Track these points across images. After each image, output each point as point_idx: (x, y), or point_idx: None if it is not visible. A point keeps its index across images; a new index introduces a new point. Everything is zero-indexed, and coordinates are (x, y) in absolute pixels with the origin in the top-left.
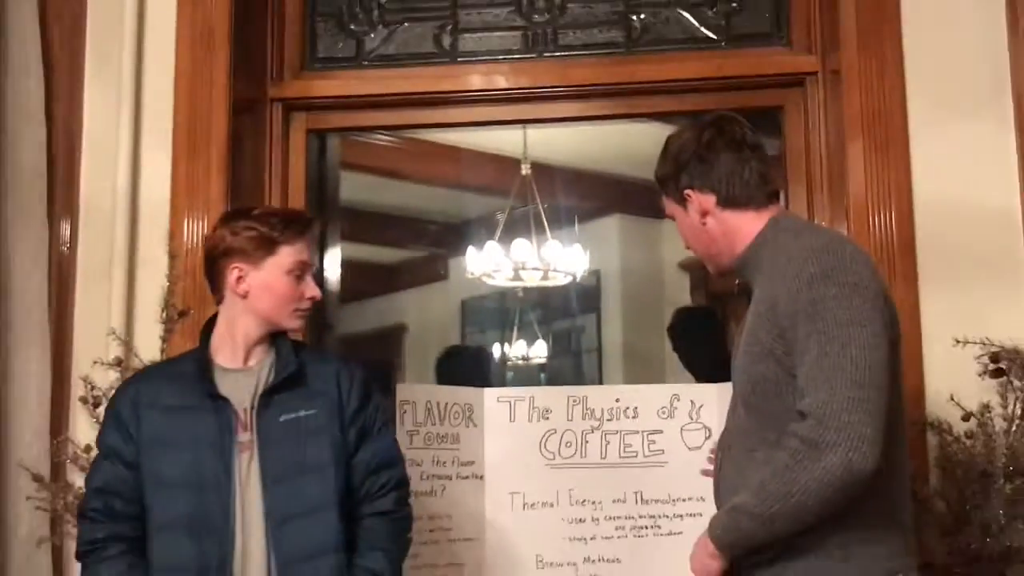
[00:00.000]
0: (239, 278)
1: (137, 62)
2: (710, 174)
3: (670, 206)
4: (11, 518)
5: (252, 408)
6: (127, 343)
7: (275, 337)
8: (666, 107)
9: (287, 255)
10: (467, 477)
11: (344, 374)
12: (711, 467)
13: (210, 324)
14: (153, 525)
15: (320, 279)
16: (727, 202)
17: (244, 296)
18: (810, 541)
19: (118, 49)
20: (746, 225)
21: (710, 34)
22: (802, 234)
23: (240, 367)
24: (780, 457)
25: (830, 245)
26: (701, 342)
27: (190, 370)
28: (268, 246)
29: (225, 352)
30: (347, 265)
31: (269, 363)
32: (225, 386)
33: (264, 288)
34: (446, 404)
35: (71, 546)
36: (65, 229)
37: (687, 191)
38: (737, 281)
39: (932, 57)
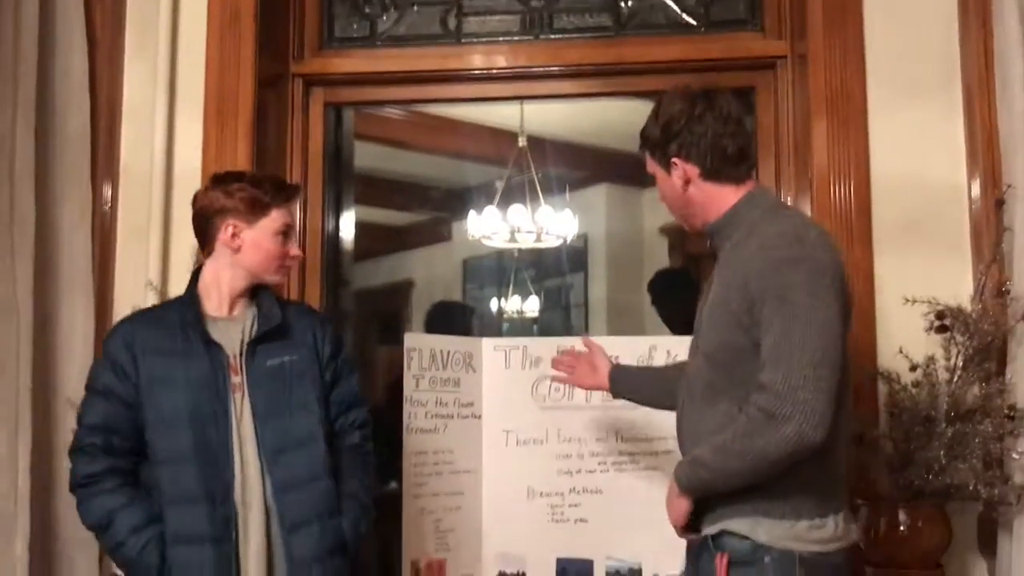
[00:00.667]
0: (234, 235)
1: (172, 41)
2: (698, 146)
3: (652, 166)
4: (60, 446)
5: (241, 354)
6: (162, 292)
7: (256, 290)
8: (650, 86)
9: (277, 217)
10: (467, 417)
11: (319, 326)
12: (560, 373)
13: (195, 277)
14: (159, 459)
15: (335, 239)
16: (710, 174)
17: (236, 251)
18: (758, 487)
19: (155, 29)
20: (724, 196)
21: (690, 20)
22: (774, 216)
23: (225, 316)
24: (740, 422)
25: (798, 231)
26: (677, 300)
27: (180, 317)
28: (261, 208)
29: (212, 302)
30: (360, 226)
31: (252, 314)
32: (215, 333)
33: (254, 245)
34: (449, 351)
35: None
36: (107, 191)
37: (674, 159)
38: (708, 243)
39: (890, 45)
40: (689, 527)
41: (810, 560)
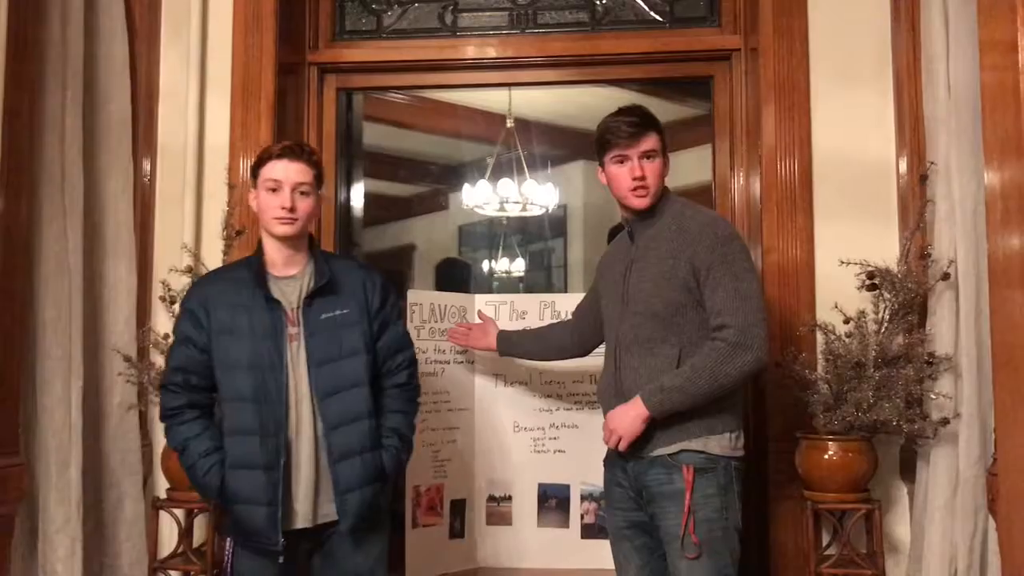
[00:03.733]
0: (253, 198)
1: (203, 32)
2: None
3: (660, 148)
4: (106, 389)
5: (298, 308)
6: (196, 255)
7: (310, 249)
8: (623, 75)
9: (264, 174)
10: (461, 362)
11: (368, 280)
12: (459, 330)
13: (261, 242)
14: (224, 397)
15: (347, 208)
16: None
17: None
18: (703, 412)
19: (187, 21)
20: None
21: (657, 17)
22: (694, 208)
23: (284, 275)
24: (710, 354)
25: (723, 220)
26: None
27: (247, 275)
28: (256, 171)
29: (273, 263)
30: (369, 197)
31: (310, 271)
32: (275, 290)
33: (258, 206)
34: (446, 305)
35: (153, 412)
36: (146, 165)
37: (667, 154)
38: (633, 221)
39: (831, 40)
40: (629, 445)
41: (735, 465)
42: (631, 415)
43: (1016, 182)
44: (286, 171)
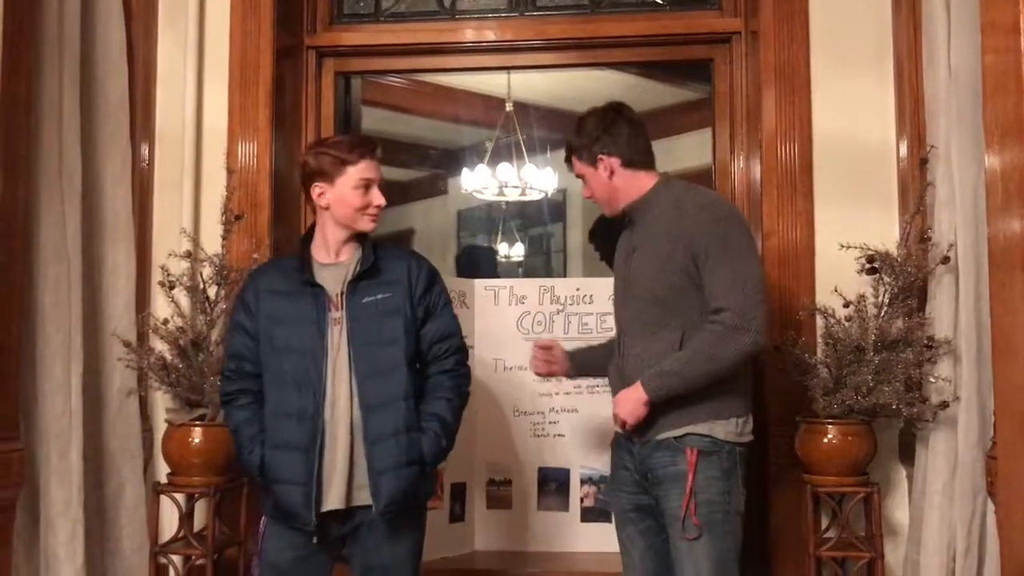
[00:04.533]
0: (320, 194)
1: (200, 15)
2: (616, 143)
3: (580, 167)
4: (107, 374)
5: (342, 293)
6: (195, 239)
7: (360, 238)
8: (622, 58)
9: (354, 173)
10: None
11: (414, 266)
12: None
13: (311, 230)
14: (268, 380)
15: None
16: (628, 164)
17: (326, 208)
18: (708, 396)
19: (184, 4)
20: (642, 181)
21: None
22: (695, 190)
23: (332, 262)
24: (707, 337)
25: (722, 200)
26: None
27: (295, 264)
28: (340, 167)
29: (320, 251)
30: None
31: (356, 259)
32: (321, 276)
33: (339, 200)
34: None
35: (154, 397)
36: (145, 149)
37: (600, 156)
38: (626, 219)
39: (831, 23)
40: (635, 429)
41: (743, 451)
42: (633, 399)
43: (1016, 165)
44: (376, 171)
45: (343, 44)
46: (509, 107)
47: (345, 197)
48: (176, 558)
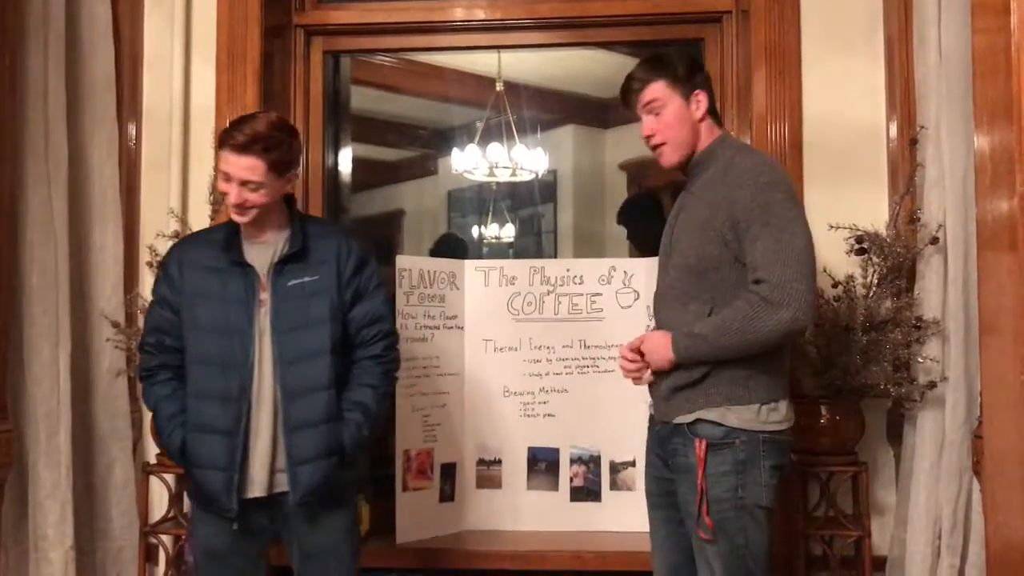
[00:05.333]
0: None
1: None
2: (710, 87)
3: (663, 95)
4: (95, 355)
5: (268, 273)
6: (183, 219)
7: (290, 214)
8: (613, 37)
9: (219, 162)
10: (451, 328)
11: (344, 246)
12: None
13: None
14: (189, 359)
15: (335, 173)
16: (711, 111)
17: None
18: (729, 369)
19: None
20: (711, 133)
21: None
22: (747, 152)
23: (259, 240)
24: (741, 307)
25: (770, 163)
26: (647, 221)
27: (223, 239)
28: (218, 150)
29: (248, 228)
30: (357, 162)
31: (285, 237)
32: (250, 254)
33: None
34: (435, 271)
35: None
36: (131, 129)
37: (699, 91)
38: (684, 172)
39: (822, 4)
40: (654, 380)
41: (769, 439)
42: (661, 346)
43: (1006, 146)
44: (234, 166)
45: (332, 23)
46: (499, 87)
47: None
48: (166, 538)
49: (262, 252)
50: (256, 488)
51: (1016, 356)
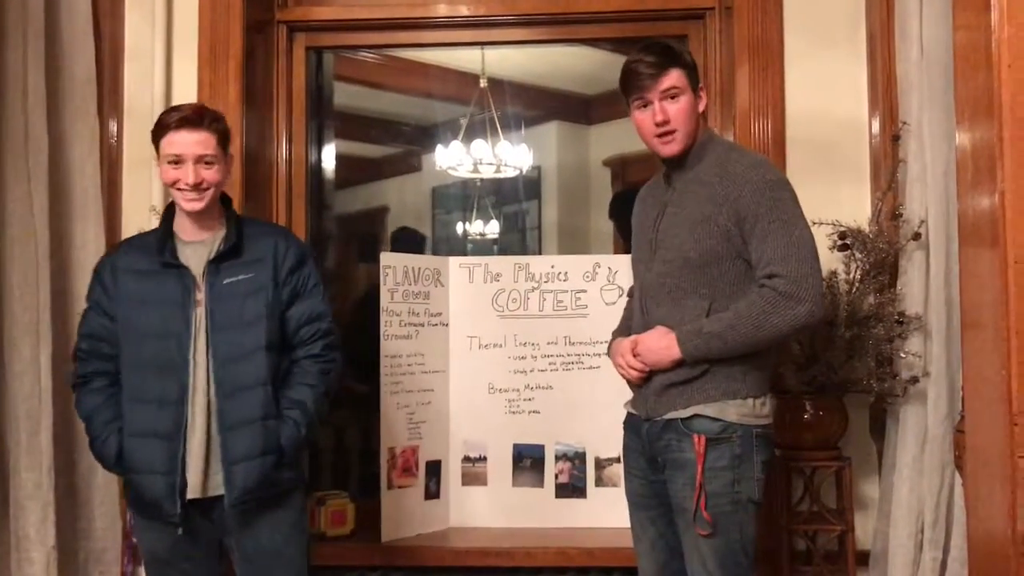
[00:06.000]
0: (157, 164)
1: None
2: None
3: (683, 84)
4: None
5: (204, 273)
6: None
7: (226, 213)
8: (596, 34)
9: (164, 147)
10: (436, 324)
11: (281, 245)
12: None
13: (171, 205)
14: (125, 365)
15: (318, 169)
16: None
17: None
18: (728, 364)
19: None
20: (702, 129)
21: None
22: (740, 150)
23: (194, 240)
24: (756, 302)
25: (769, 163)
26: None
27: (155, 242)
28: (156, 142)
29: (182, 227)
30: (340, 159)
31: (221, 235)
32: (184, 255)
33: (160, 175)
34: (419, 268)
35: None
36: (113, 126)
37: (701, 87)
38: (673, 164)
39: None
40: (642, 379)
41: (760, 434)
42: (664, 346)
43: (987, 142)
44: (187, 142)
45: (314, 18)
46: (483, 83)
47: (161, 172)
48: None
49: (197, 251)
50: (191, 490)
51: (997, 351)
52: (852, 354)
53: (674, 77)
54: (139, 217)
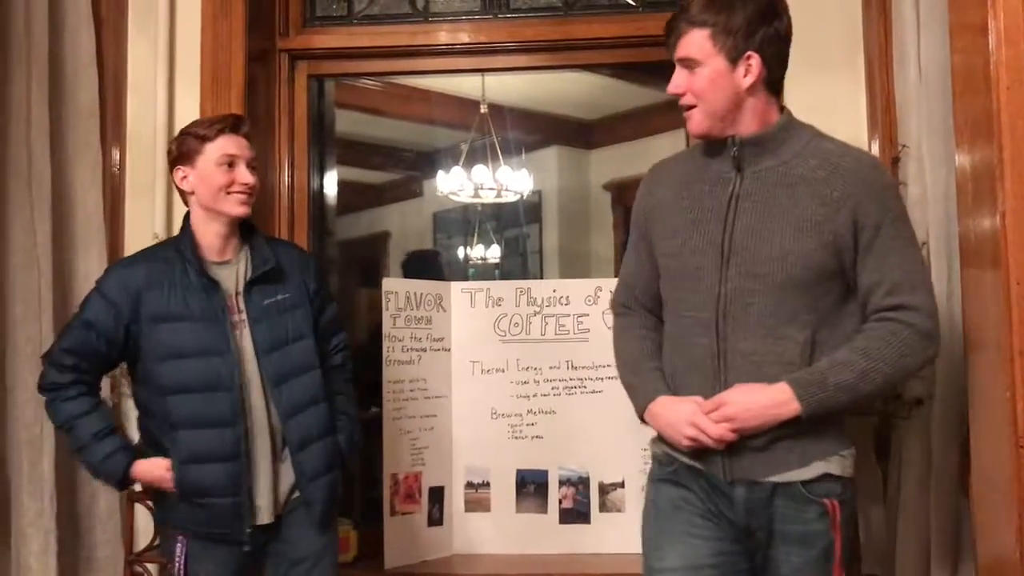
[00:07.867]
0: (183, 177)
1: (171, 20)
2: (776, 50)
3: (704, 49)
4: None
5: (238, 294)
6: None
7: (248, 232)
8: (595, 59)
9: (214, 149)
10: (438, 350)
11: (303, 259)
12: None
13: (186, 221)
14: (166, 389)
15: (320, 195)
16: (768, 83)
17: (191, 192)
18: (827, 419)
19: (154, 9)
20: (772, 109)
21: (630, 1)
22: (835, 140)
23: (219, 260)
24: (889, 340)
25: (879, 159)
26: None
27: (178, 256)
28: (197, 145)
29: (203, 247)
30: (342, 184)
31: (245, 255)
32: (214, 273)
33: (201, 180)
34: (422, 293)
35: (128, 404)
36: (116, 155)
37: (750, 52)
38: (733, 152)
39: (802, 23)
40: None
41: (852, 486)
42: (770, 404)
43: (987, 164)
44: (240, 146)
45: (316, 47)
46: (483, 109)
47: (206, 175)
48: (151, 566)
49: (225, 271)
50: (264, 514)
51: (1002, 372)
52: None
53: (691, 43)
54: (142, 245)
